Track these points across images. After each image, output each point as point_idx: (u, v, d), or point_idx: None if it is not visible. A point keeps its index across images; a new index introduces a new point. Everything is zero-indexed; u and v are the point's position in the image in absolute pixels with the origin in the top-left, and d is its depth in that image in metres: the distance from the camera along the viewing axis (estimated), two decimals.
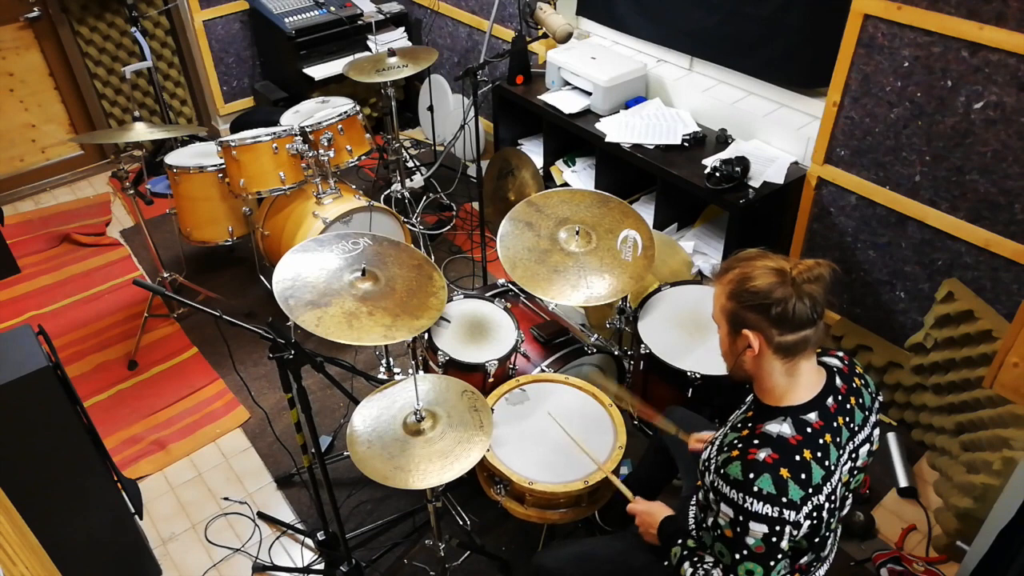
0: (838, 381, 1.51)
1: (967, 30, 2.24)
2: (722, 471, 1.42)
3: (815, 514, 1.40)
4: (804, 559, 1.51)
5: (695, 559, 1.56)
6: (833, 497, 1.44)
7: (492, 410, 2.05)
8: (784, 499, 1.36)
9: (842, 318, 2.98)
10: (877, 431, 1.58)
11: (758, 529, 1.37)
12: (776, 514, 1.36)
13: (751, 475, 1.37)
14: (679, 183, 2.94)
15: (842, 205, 2.80)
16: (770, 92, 3.10)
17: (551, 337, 2.48)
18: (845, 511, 1.61)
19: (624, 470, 2.49)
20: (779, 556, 1.39)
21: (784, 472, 1.36)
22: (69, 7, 4.04)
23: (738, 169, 2.78)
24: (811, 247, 2.97)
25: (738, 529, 1.39)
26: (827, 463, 1.41)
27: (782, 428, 1.42)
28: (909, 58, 2.41)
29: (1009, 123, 2.26)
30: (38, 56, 4.07)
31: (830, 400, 1.47)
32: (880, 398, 1.60)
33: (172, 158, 3.23)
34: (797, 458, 1.38)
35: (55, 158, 4.36)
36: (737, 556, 1.40)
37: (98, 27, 4.18)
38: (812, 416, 1.44)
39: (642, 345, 2.39)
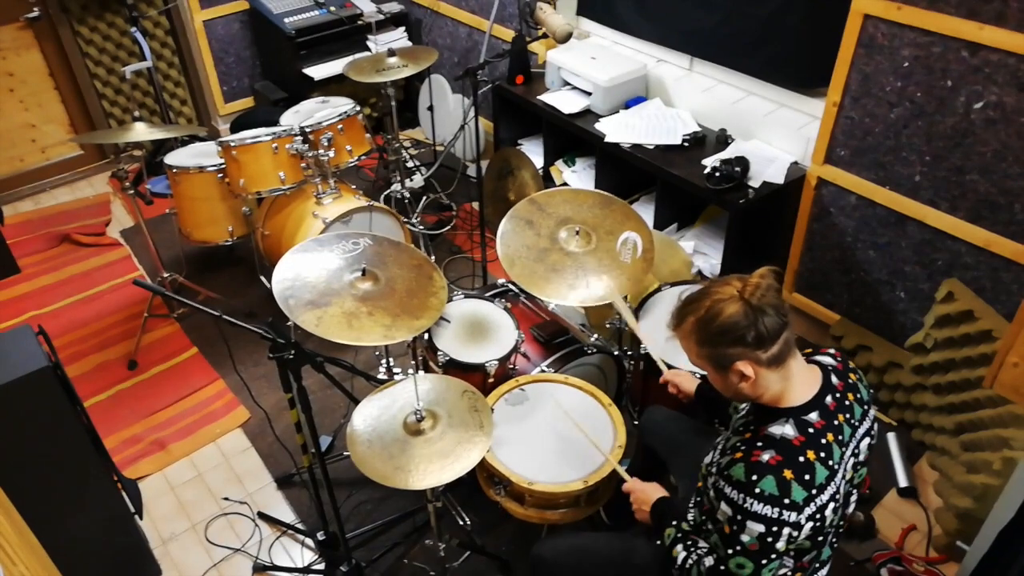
0: (834, 379, 1.52)
1: (967, 30, 2.24)
2: (725, 473, 1.43)
3: (818, 515, 1.40)
4: (807, 557, 1.52)
5: (688, 543, 1.59)
6: (837, 495, 1.44)
7: (492, 410, 2.05)
8: (786, 500, 1.36)
9: (842, 318, 2.98)
10: (876, 424, 1.59)
11: (755, 528, 1.38)
12: (776, 515, 1.37)
13: (754, 476, 1.38)
14: (679, 183, 2.94)
15: (842, 205, 2.80)
16: (770, 92, 3.10)
17: (551, 337, 2.48)
18: (850, 508, 1.62)
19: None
20: (773, 556, 1.40)
21: (788, 473, 1.37)
22: (69, 7, 4.04)
23: (738, 169, 2.78)
24: (811, 247, 2.97)
25: (735, 527, 1.40)
26: (831, 462, 1.42)
27: (785, 429, 1.43)
28: (909, 58, 2.41)
29: (1009, 123, 2.26)
30: (38, 56, 4.07)
31: (829, 399, 1.48)
32: (871, 390, 1.61)
33: (172, 158, 3.22)
34: (801, 459, 1.39)
35: (55, 158, 4.36)
36: (730, 551, 1.42)
37: (98, 27, 4.18)
38: (813, 416, 1.45)
39: (642, 345, 2.38)
